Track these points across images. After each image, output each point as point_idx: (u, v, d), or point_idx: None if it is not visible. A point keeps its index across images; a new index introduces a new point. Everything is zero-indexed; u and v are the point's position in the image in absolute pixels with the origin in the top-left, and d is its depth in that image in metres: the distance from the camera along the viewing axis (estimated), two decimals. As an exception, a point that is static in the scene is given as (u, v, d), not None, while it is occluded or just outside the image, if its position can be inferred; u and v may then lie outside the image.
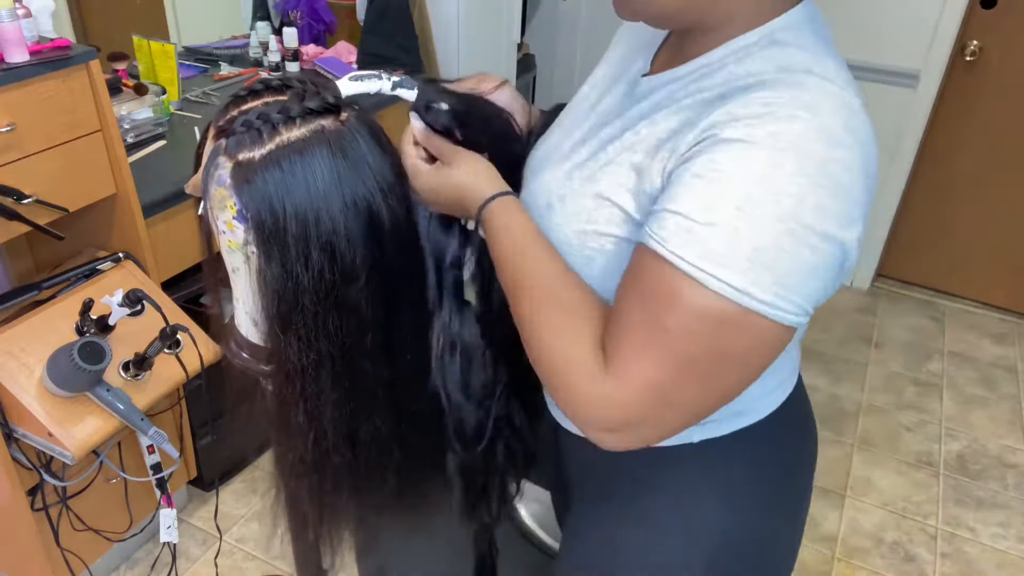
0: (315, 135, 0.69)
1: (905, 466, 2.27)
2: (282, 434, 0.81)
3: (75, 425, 1.30)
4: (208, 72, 2.36)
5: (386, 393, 0.79)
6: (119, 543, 1.75)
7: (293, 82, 0.73)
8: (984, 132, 2.78)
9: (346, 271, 0.70)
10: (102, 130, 1.42)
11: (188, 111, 2.05)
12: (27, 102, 1.27)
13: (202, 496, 2.02)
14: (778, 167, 0.57)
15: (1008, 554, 2.00)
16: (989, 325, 2.95)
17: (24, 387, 1.29)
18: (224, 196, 0.70)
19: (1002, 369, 2.70)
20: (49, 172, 1.35)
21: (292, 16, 2.45)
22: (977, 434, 2.40)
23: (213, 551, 1.87)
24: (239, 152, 0.69)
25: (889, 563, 1.96)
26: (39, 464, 1.42)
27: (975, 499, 2.16)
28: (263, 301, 0.72)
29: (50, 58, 1.29)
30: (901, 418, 2.46)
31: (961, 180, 2.89)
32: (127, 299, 1.31)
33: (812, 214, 0.58)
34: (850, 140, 0.59)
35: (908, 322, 2.96)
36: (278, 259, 0.69)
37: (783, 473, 0.85)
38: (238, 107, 0.72)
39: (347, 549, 0.95)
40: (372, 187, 0.71)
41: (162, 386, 1.43)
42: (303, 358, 0.73)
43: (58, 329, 1.36)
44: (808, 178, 0.57)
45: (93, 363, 1.24)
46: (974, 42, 2.67)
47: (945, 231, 3.00)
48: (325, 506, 0.85)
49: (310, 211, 0.68)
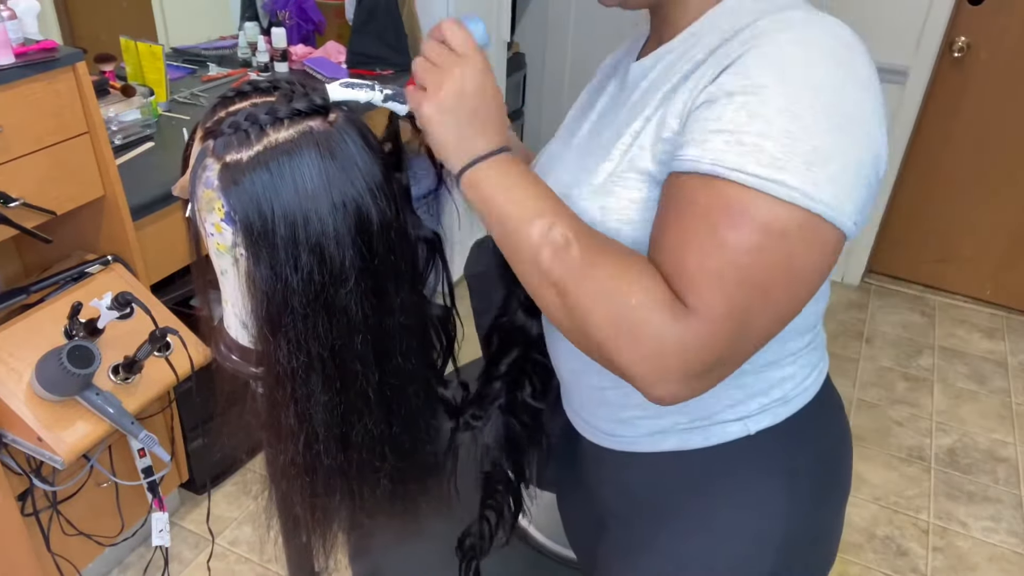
0: (303, 136, 0.69)
1: (896, 461, 2.28)
2: (273, 436, 0.80)
3: (65, 429, 1.29)
4: (196, 73, 2.35)
5: (378, 395, 0.78)
6: (111, 547, 1.74)
7: (281, 83, 0.73)
8: (972, 128, 2.79)
9: (335, 273, 0.70)
10: (89, 132, 1.41)
11: (176, 112, 2.04)
12: (13, 104, 1.27)
13: (194, 499, 2.01)
14: (812, 66, 0.59)
15: (999, 547, 2.01)
16: (979, 320, 2.97)
17: (13, 391, 1.28)
18: (212, 198, 0.70)
19: (992, 363, 2.72)
20: (36, 175, 1.34)
21: (280, 16, 2.44)
22: (968, 428, 2.41)
23: (206, 554, 1.87)
24: (227, 154, 0.68)
25: (882, 557, 1.97)
26: (29, 469, 1.41)
27: (966, 493, 2.17)
28: (252, 303, 0.72)
29: (36, 60, 1.28)
30: (892, 413, 2.47)
31: (950, 176, 2.90)
32: (116, 302, 1.30)
33: (852, 106, 0.59)
34: (861, 46, 0.62)
35: (898, 317, 2.97)
36: (267, 261, 0.69)
37: (836, 456, 0.85)
38: (226, 108, 0.72)
39: (340, 551, 0.95)
40: (361, 188, 0.70)
41: (152, 389, 1.42)
42: (293, 360, 0.72)
43: (47, 333, 1.35)
44: (840, 71, 0.60)
45: (82, 367, 1.23)
46: (962, 38, 2.68)
47: (935, 227, 3.01)
48: (317, 508, 0.85)
49: (299, 213, 0.68)
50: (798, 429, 0.80)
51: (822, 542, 0.85)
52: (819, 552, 0.85)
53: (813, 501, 0.82)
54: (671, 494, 0.82)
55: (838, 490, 0.86)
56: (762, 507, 0.79)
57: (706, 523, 0.81)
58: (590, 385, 0.84)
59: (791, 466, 0.80)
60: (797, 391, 0.79)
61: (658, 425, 0.80)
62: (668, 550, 0.82)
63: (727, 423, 0.78)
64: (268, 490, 0.89)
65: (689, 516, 0.81)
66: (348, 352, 0.74)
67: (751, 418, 0.78)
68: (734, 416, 0.78)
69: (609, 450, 0.87)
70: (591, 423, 0.88)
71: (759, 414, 0.78)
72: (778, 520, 0.79)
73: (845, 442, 0.88)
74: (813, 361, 0.81)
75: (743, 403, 0.77)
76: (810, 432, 0.81)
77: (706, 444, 0.79)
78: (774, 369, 0.77)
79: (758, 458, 0.79)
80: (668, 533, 0.83)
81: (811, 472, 0.81)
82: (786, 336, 0.75)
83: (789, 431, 0.79)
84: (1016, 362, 2.73)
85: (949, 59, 2.73)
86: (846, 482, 0.88)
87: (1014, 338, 2.87)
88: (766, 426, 0.78)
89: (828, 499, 0.84)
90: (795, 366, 0.78)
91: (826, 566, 0.88)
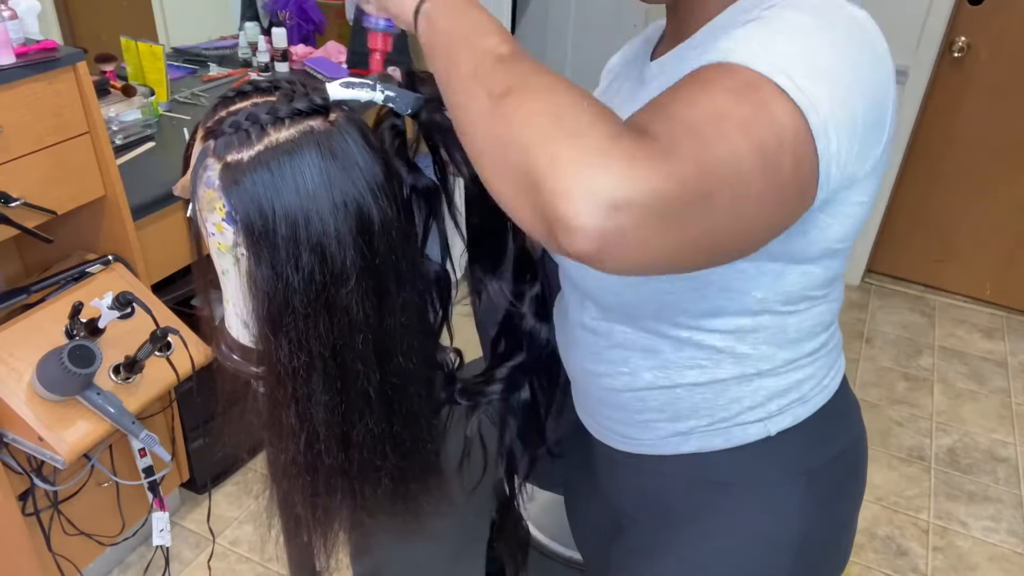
0: (304, 136, 0.69)
1: (896, 461, 2.28)
2: (274, 436, 0.81)
3: (66, 429, 1.29)
4: (197, 73, 2.35)
5: (379, 394, 0.78)
6: (111, 547, 1.75)
7: (282, 83, 0.73)
8: (972, 128, 2.79)
9: (336, 272, 0.70)
10: (90, 132, 1.41)
11: (177, 112, 2.04)
12: (14, 104, 1.27)
13: (195, 499, 2.01)
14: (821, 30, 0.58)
15: (999, 547, 2.01)
16: (979, 320, 2.97)
17: (14, 391, 1.28)
18: (213, 198, 0.70)
19: (992, 363, 2.72)
20: (37, 175, 1.34)
21: (281, 16, 2.44)
22: (968, 428, 2.41)
23: (206, 554, 1.87)
24: (227, 153, 0.69)
25: (882, 557, 1.97)
26: (30, 469, 1.42)
27: (966, 493, 2.17)
28: (253, 303, 0.72)
29: (37, 60, 1.28)
30: (892, 413, 2.47)
31: (950, 176, 2.90)
32: (117, 302, 1.30)
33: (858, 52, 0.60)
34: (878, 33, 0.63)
35: (898, 317, 2.97)
36: (268, 261, 0.69)
37: (854, 456, 0.84)
38: (226, 108, 0.72)
39: (342, 551, 0.95)
40: (362, 187, 0.70)
41: (153, 389, 1.42)
42: (294, 360, 0.72)
43: (47, 333, 1.36)
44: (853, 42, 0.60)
45: (83, 367, 1.23)
46: (962, 38, 2.68)
47: (935, 226, 3.01)
48: (319, 508, 0.85)
49: (300, 212, 0.68)
50: (817, 429, 0.80)
51: (838, 544, 0.85)
52: (834, 554, 0.85)
53: (831, 502, 0.82)
54: (689, 497, 0.82)
55: (855, 491, 0.86)
56: (780, 510, 0.79)
57: (725, 527, 0.80)
58: (605, 387, 0.83)
59: (810, 467, 0.80)
60: (815, 391, 0.79)
61: (677, 428, 0.80)
62: (687, 555, 0.82)
63: (747, 424, 0.78)
64: (269, 489, 0.89)
65: (707, 519, 0.81)
66: (349, 351, 0.74)
67: (771, 419, 0.77)
68: (754, 417, 0.77)
69: (624, 452, 0.86)
70: (605, 425, 0.88)
71: (779, 415, 0.77)
72: (796, 523, 0.79)
73: (861, 442, 0.88)
74: (830, 362, 0.81)
75: (763, 405, 0.77)
76: (829, 432, 0.81)
77: (728, 446, 0.78)
78: (793, 371, 0.77)
79: (778, 460, 0.79)
80: (686, 537, 0.82)
81: (830, 473, 0.81)
82: (803, 336, 0.75)
83: (808, 431, 0.79)
84: (1016, 362, 2.73)
85: (949, 59, 2.73)
86: (862, 483, 0.88)
87: (1014, 338, 2.87)
88: (786, 427, 0.78)
89: (845, 500, 0.84)
90: (813, 367, 0.78)
91: (840, 567, 0.88)
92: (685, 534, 0.82)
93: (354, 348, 0.74)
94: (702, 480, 0.81)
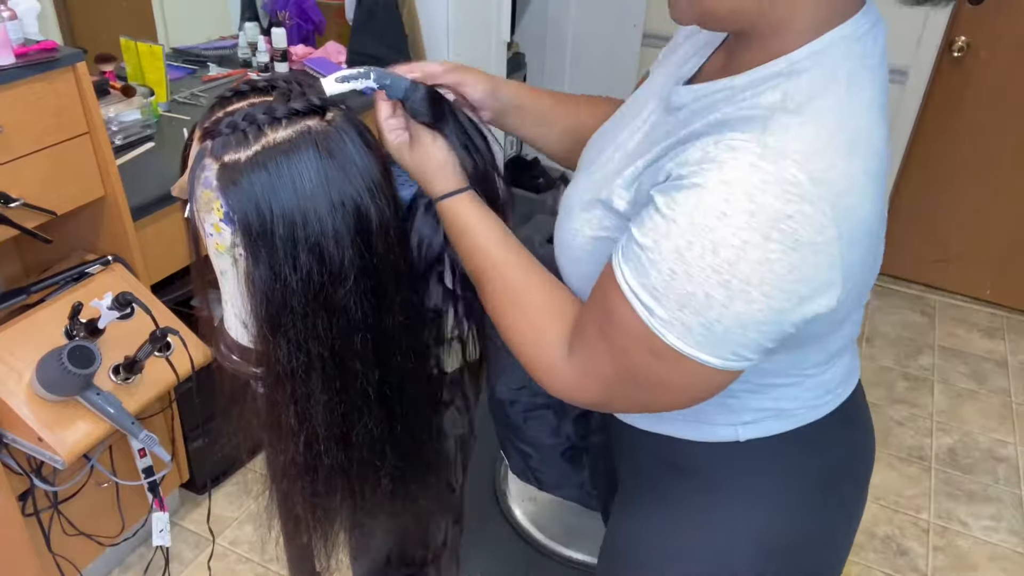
0: (301, 136, 0.69)
1: (897, 460, 2.28)
2: (274, 436, 0.81)
3: (65, 429, 1.29)
4: (196, 73, 2.35)
5: (378, 394, 0.78)
6: (111, 547, 1.74)
7: (279, 82, 0.73)
8: (972, 128, 2.79)
9: (334, 272, 0.70)
10: (90, 132, 1.41)
11: (176, 113, 2.04)
12: (13, 105, 1.27)
13: (194, 499, 2.01)
14: (725, 218, 0.56)
15: (1000, 547, 2.01)
16: (979, 319, 2.97)
17: (13, 392, 1.28)
18: (210, 198, 0.70)
19: (992, 363, 2.72)
20: (36, 175, 1.34)
21: (280, 16, 2.44)
22: (968, 428, 2.41)
23: (206, 554, 1.87)
24: (225, 154, 0.69)
25: (882, 557, 1.97)
26: (29, 469, 1.41)
27: (967, 492, 2.17)
28: (251, 303, 0.72)
29: (36, 60, 1.28)
30: (892, 413, 2.47)
31: (950, 175, 2.90)
32: (116, 302, 1.30)
33: (753, 268, 0.57)
34: (819, 193, 0.56)
35: (898, 317, 2.97)
36: (266, 261, 0.69)
37: (820, 483, 0.83)
38: (224, 108, 0.72)
39: (341, 551, 0.95)
40: (360, 187, 0.70)
41: (152, 389, 1.42)
42: (293, 360, 0.72)
43: (47, 333, 1.36)
44: (756, 232, 0.56)
45: (83, 367, 1.23)
46: (962, 38, 2.68)
47: (935, 226, 3.01)
48: (318, 508, 0.85)
49: (297, 212, 0.68)
50: (798, 441, 0.80)
51: (819, 553, 0.84)
52: (815, 562, 0.85)
53: (812, 510, 0.82)
54: (668, 475, 0.85)
55: (841, 506, 0.86)
56: (750, 508, 0.80)
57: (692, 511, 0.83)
58: None
59: (789, 473, 0.81)
60: (802, 410, 0.79)
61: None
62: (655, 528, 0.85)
63: (717, 425, 0.79)
64: (269, 490, 0.89)
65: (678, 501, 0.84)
66: (348, 351, 0.74)
67: (744, 426, 0.79)
68: (725, 421, 0.79)
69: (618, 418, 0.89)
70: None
71: (752, 424, 0.78)
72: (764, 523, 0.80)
73: (858, 460, 0.88)
74: (829, 387, 0.80)
75: (735, 412, 0.78)
76: (814, 446, 0.81)
77: (697, 439, 0.80)
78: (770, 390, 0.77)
79: (753, 460, 0.80)
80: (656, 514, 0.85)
81: (815, 482, 0.82)
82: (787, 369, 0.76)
83: (791, 441, 0.80)
84: (1016, 362, 2.73)
85: (949, 59, 2.73)
86: (854, 499, 0.87)
87: (1014, 338, 2.87)
88: (760, 436, 0.79)
89: (832, 511, 0.84)
90: (799, 388, 0.78)
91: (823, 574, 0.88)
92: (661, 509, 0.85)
93: (353, 348, 0.74)
94: (678, 463, 0.83)
